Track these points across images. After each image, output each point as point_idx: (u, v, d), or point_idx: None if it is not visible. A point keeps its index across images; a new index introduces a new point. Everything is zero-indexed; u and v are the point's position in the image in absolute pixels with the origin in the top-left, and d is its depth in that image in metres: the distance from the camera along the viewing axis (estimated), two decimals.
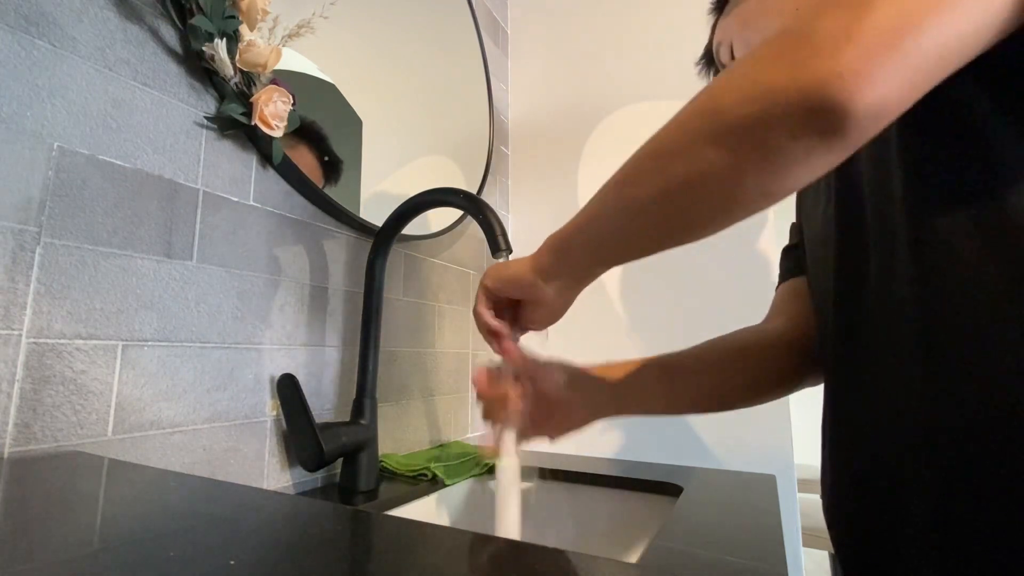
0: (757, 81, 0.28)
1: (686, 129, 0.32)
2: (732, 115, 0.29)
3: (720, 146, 0.30)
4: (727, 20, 0.61)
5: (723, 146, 0.30)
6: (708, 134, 0.31)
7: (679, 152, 0.32)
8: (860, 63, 0.25)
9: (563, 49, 1.28)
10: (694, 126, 0.32)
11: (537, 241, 0.47)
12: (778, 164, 0.29)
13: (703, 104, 0.32)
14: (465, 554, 0.27)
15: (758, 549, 0.46)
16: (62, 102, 0.47)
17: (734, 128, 0.29)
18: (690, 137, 0.32)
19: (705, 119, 0.31)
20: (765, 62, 0.28)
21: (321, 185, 0.71)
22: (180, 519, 0.30)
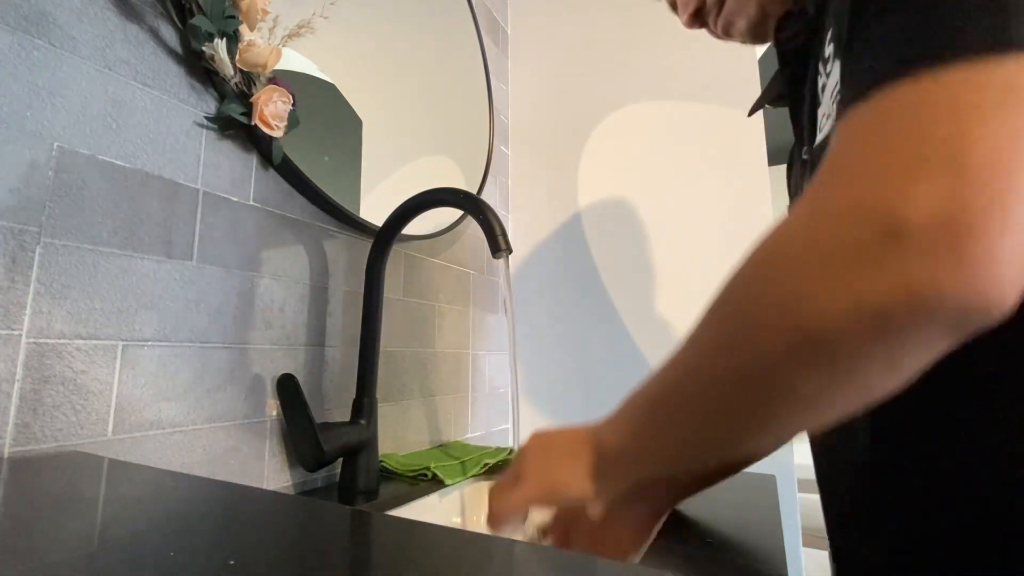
0: (861, 301, 0.23)
1: (767, 351, 0.26)
2: (838, 342, 0.24)
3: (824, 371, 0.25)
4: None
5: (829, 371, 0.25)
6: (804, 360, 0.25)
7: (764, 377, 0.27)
8: (990, 262, 0.21)
9: (563, 49, 1.28)
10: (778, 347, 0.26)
11: (537, 241, 0.47)
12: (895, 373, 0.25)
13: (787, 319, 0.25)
14: (465, 554, 0.27)
15: (758, 549, 0.46)
16: (62, 102, 0.47)
17: (844, 356, 0.24)
18: (777, 360, 0.26)
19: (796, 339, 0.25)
20: (857, 270, 0.23)
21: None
22: (180, 519, 0.30)
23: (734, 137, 1.05)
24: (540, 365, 1.17)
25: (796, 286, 0.25)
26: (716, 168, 1.07)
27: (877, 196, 0.23)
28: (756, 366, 0.27)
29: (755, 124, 1.04)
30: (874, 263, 0.22)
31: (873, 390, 0.25)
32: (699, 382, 0.31)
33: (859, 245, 0.23)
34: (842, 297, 0.23)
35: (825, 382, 0.25)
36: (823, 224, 0.25)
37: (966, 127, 0.22)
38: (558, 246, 1.20)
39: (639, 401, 0.36)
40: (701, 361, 0.31)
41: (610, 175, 1.18)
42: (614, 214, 1.17)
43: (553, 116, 1.27)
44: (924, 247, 0.21)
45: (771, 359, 0.26)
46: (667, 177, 1.12)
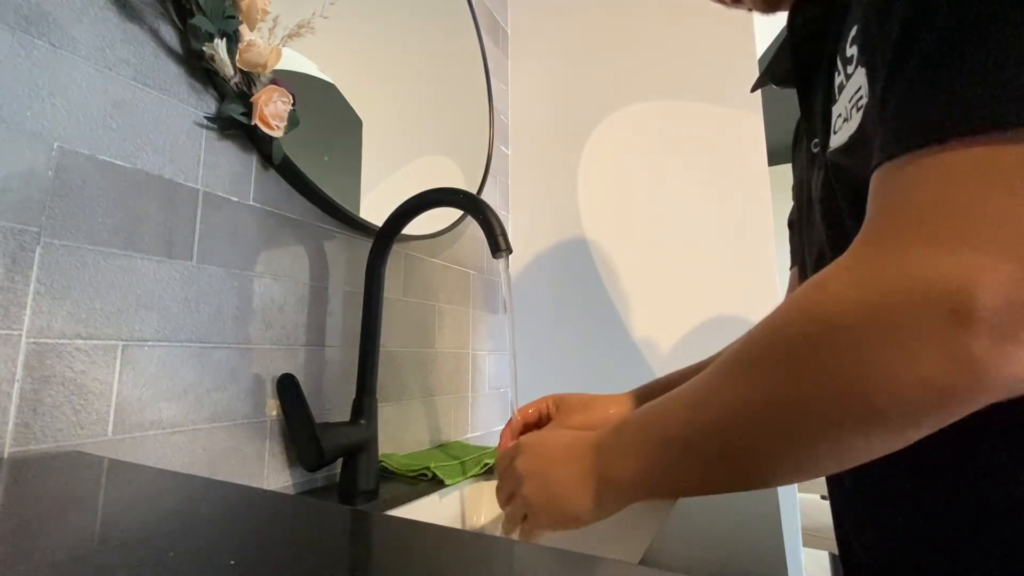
0: (928, 380, 0.24)
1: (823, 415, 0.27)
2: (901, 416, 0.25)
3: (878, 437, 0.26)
4: None
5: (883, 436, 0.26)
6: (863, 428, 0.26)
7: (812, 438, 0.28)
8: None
9: (563, 49, 1.28)
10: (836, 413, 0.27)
11: (537, 241, 0.47)
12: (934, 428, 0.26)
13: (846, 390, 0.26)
14: (465, 554, 0.26)
15: (758, 549, 0.46)
16: (62, 102, 0.47)
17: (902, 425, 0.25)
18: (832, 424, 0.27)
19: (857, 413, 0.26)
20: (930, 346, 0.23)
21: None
22: (180, 519, 0.30)
23: (734, 137, 1.05)
24: (540, 365, 1.17)
25: (860, 359, 0.25)
26: (716, 168, 1.07)
27: (944, 275, 0.23)
28: (806, 428, 0.28)
29: (755, 124, 1.04)
30: (942, 344, 0.23)
31: (913, 440, 0.26)
32: (730, 431, 0.31)
33: (927, 324, 0.23)
34: (910, 375, 0.24)
35: (876, 445, 0.26)
36: (886, 297, 0.25)
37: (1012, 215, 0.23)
38: (558, 246, 1.20)
39: (654, 435, 0.36)
40: (736, 410, 0.31)
41: (610, 175, 1.18)
42: (614, 214, 1.17)
43: (553, 116, 1.27)
44: (991, 331, 0.22)
45: (825, 423, 0.27)
46: (667, 177, 1.12)
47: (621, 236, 1.15)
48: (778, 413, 0.29)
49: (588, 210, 1.19)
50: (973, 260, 0.23)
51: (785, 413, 0.28)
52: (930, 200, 0.25)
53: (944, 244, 0.24)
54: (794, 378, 0.28)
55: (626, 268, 1.13)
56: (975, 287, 0.22)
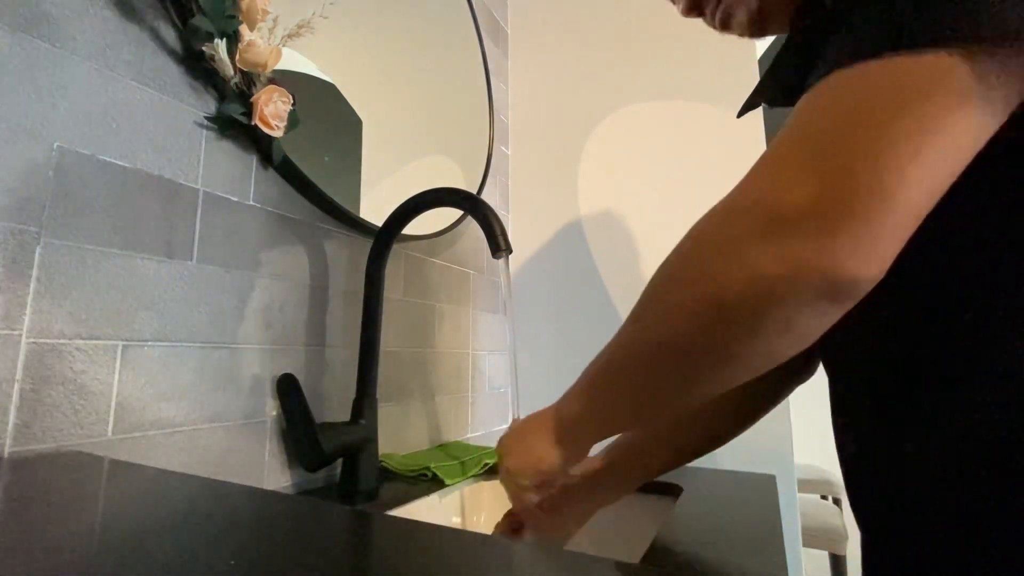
0: (755, 273, 0.29)
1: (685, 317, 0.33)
2: (738, 307, 0.30)
3: (730, 330, 0.31)
4: None
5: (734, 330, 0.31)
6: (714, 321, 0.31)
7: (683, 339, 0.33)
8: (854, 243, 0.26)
9: (563, 49, 1.28)
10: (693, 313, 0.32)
11: (537, 241, 0.48)
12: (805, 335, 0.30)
13: (700, 288, 0.32)
14: (465, 554, 0.27)
15: (758, 549, 0.46)
16: (62, 102, 0.47)
17: (744, 317, 0.30)
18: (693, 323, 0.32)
19: (708, 306, 0.31)
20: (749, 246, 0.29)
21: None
22: (180, 519, 0.30)
23: (734, 137, 1.05)
24: (540, 365, 1.17)
25: (706, 264, 0.32)
26: (716, 168, 1.07)
27: (767, 190, 0.30)
28: (676, 330, 0.33)
29: (755, 124, 1.04)
30: (762, 243, 0.29)
31: (775, 352, 0.31)
32: (631, 351, 0.37)
33: (753, 229, 0.29)
34: (739, 270, 0.29)
35: (732, 341, 0.31)
36: (731, 213, 0.32)
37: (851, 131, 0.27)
38: (558, 246, 1.20)
39: (589, 372, 0.42)
40: (632, 333, 0.37)
41: (610, 175, 1.18)
42: (614, 214, 1.17)
43: (553, 116, 1.27)
44: (800, 231, 0.27)
45: (688, 323, 0.32)
46: (667, 177, 1.12)
47: (621, 236, 1.15)
48: (657, 325, 0.35)
49: (588, 210, 1.19)
50: (792, 181, 0.28)
51: (661, 324, 0.34)
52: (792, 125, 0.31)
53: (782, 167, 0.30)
54: (664, 290, 0.35)
55: (626, 268, 1.13)
56: (788, 198, 0.28)
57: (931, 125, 0.26)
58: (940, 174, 0.27)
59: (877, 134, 0.26)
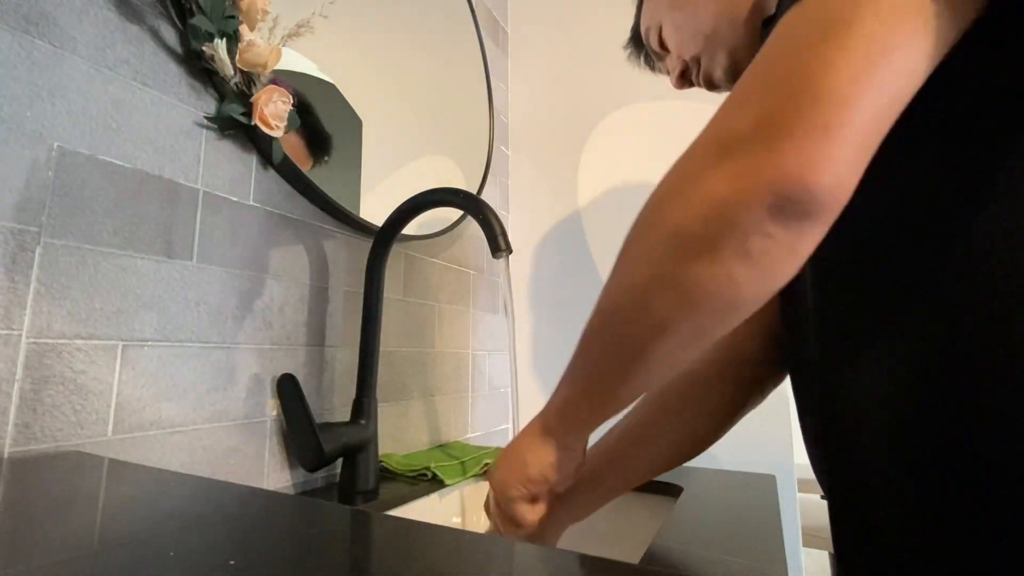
0: (709, 193, 0.29)
1: (651, 253, 0.32)
2: (694, 233, 0.30)
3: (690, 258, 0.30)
4: (653, 2, 0.61)
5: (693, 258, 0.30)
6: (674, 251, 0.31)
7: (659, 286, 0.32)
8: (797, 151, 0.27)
9: (563, 49, 1.28)
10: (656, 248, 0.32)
11: (537, 241, 0.48)
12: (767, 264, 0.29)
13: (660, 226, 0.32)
14: (465, 554, 0.26)
15: (758, 549, 0.46)
16: (62, 102, 0.47)
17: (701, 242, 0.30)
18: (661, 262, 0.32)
19: (668, 239, 0.31)
20: (705, 170, 0.30)
21: (308, 166, 0.69)
22: (180, 519, 0.30)
23: None
24: (540, 365, 1.17)
25: (665, 202, 0.32)
26: None
27: (718, 125, 0.31)
28: (641, 272, 0.33)
29: None
30: (714, 168, 0.29)
31: (738, 281, 0.30)
32: (602, 311, 0.37)
33: (706, 160, 0.30)
34: (693, 197, 0.30)
35: (694, 270, 0.30)
36: (687, 155, 0.32)
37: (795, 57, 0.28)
38: (558, 246, 1.20)
39: (569, 364, 0.42)
40: (602, 295, 0.37)
41: (610, 175, 1.18)
42: (614, 214, 1.17)
43: (553, 116, 1.26)
44: (747, 146, 0.28)
45: (651, 262, 0.32)
46: None
47: (621, 236, 1.14)
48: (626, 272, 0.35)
49: (588, 210, 1.19)
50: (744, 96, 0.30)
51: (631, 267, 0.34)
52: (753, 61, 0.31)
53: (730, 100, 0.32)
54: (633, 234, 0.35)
55: None
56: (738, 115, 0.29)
57: (871, 41, 0.27)
58: (886, 86, 0.27)
59: (814, 54, 0.27)
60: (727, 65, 0.57)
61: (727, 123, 0.30)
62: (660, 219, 0.32)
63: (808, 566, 1.41)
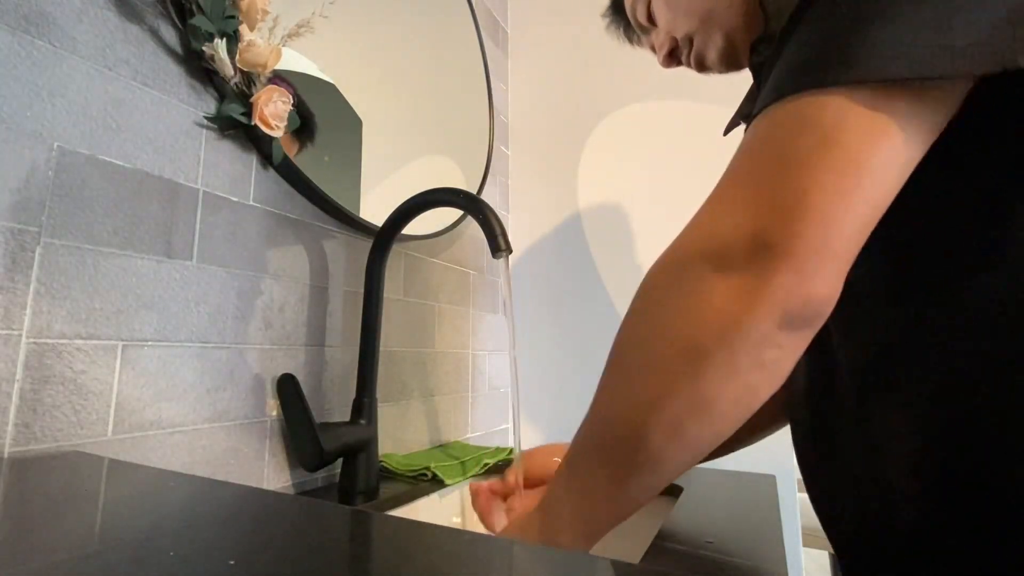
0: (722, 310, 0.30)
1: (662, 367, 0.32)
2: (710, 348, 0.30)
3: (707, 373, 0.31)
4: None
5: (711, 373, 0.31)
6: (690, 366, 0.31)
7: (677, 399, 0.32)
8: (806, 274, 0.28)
9: (563, 49, 1.28)
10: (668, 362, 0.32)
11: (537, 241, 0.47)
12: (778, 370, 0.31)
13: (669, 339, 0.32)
14: (465, 554, 0.26)
15: (758, 549, 0.46)
16: (62, 102, 0.47)
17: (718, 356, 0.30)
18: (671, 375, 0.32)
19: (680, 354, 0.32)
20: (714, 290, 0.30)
21: (294, 152, 0.68)
22: (180, 519, 0.30)
23: (733, 137, 1.05)
24: (540, 365, 1.17)
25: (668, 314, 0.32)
26: (716, 168, 1.07)
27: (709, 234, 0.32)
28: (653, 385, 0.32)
29: None
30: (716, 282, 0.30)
31: (756, 388, 0.31)
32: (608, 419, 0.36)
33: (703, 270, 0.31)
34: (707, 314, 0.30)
35: (723, 387, 0.31)
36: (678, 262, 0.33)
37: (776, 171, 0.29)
38: (558, 246, 1.20)
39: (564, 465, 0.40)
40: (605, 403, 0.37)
41: (610, 175, 1.18)
42: (614, 214, 1.17)
43: (553, 116, 1.26)
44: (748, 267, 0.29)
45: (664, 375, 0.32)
46: (667, 177, 1.11)
47: (621, 236, 1.15)
48: (635, 385, 0.34)
49: (588, 210, 1.19)
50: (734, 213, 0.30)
51: (639, 380, 0.33)
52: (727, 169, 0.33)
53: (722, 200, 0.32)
54: (636, 344, 0.35)
55: (626, 268, 1.13)
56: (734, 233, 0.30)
57: (851, 158, 0.28)
58: (869, 200, 0.29)
59: (803, 170, 0.28)
60: (722, 47, 0.56)
61: (719, 231, 0.31)
62: (668, 332, 0.32)
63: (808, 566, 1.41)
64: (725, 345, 0.30)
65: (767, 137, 0.31)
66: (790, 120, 0.30)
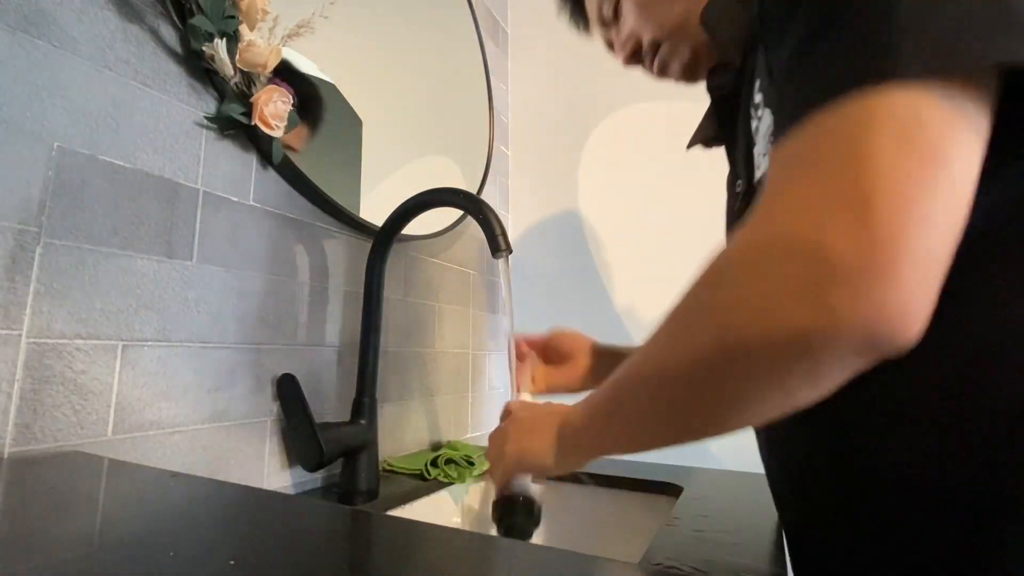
0: (786, 323, 0.26)
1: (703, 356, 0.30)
2: (763, 354, 0.27)
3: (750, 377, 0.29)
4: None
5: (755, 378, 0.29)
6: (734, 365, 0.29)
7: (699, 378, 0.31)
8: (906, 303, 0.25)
9: (563, 49, 1.28)
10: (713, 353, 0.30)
11: (536, 241, 0.48)
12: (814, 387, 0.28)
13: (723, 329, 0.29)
14: (465, 554, 0.26)
15: (758, 549, 0.47)
16: (62, 102, 0.47)
17: (769, 366, 0.28)
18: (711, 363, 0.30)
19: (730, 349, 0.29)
20: (785, 296, 0.26)
21: (304, 138, 0.68)
22: (180, 519, 0.30)
23: None
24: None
25: (733, 304, 0.29)
26: (715, 168, 1.07)
27: (804, 234, 0.26)
28: (693, 368, 0.31)
29: None
30: (799, 293, 0.26)
31: (796, 397, 0.29)
32: (643, 380, 0.36)
33: (788, 276, 0.26)
34: (770, 317, 0.27)
35: (751, 387, 0.29)
36: (759, 253, 0.28)
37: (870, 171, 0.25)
38: (558, 246, 1.20)
39: (602, 390, 0.41)
40: (647, 362, 0.36)
41: (610, 175, 1.18)
42: (614, 214, 1.17)
43: (553, 116, 1.26)
44: (842, 285, 0.25)
45: (706, 363, 0.30)
46: (667, 177, 1.12)
47: (621, 236, 1.15)
48: (675, 358, 0.32)
49: (588, 210, 1.19)
50: (828, 226, 0.26)
51: (678, 358, 0.32)
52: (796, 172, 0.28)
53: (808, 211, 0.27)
54: (684, 328, 0.33)
55: (627, 268, 1.13)
56: (830, 247, 0.25)
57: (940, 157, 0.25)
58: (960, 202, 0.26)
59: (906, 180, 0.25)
60: (687, 60, 0.57)
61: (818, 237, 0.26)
62: (725, 321, 0.29)
63: None
64: (786, 357, 0.27)
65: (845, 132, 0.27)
66: (865, 114, 0.26)
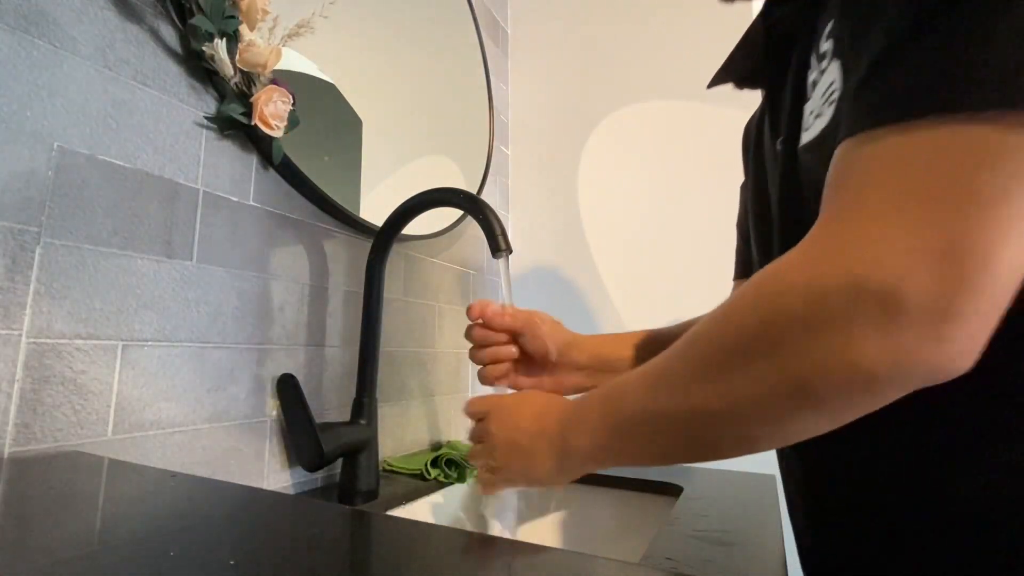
0: (858, 365, 0.25)
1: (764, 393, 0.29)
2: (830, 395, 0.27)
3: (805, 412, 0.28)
4: None
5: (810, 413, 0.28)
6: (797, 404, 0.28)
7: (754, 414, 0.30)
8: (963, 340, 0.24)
9: (563, 49, 1.28)
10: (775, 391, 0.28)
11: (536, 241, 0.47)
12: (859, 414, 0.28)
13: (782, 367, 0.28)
14: (465, 554, 0.26)
15: (758, 549, 0.47)
16: (62, 102, 0.47)
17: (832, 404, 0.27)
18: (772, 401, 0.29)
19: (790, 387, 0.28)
20: (856, 337, 0.25)
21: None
22: (180, 519, 0.30)
23: (734, 136, 1.05)
24: None
25: (793, 342, 0.27)
26: (715, 168, 1.07)
27: (878, 274, 0.25)
28: (749, 404, 0.30)
29: None
30: (871, 335, 0.25)
31: (841, 422, 0.29)
32: (682, 407, 0.33)
33: (858, 316, 0.25)
34: (839, 359, 0.26)
35: (810, 422, 0.29)
36: (824, 288, 0.26)
37: (963, 214, 0.23)
38: (558, 246, 1.20)
39: (611, 413, 0.38)
40: (688, 388, 0.33)
41: (610, 175, 1.18)
42: (614, 214, 1.17)
43: (553, 116, 1.26)
44: (915, 327, 0.24)
45: (766, 401, 0.29)
46: (667, 177, 1.12)
47: (621, 236, 1.15)
48: (725, 391, 0.30)
49: (588, 210, 1.19)
50: (906, 266, 0.24)
51: (730, 392, 0.30)
52: (881, 183, 0.26)
53: (885, 233, 0.25)
54: (740, 358, 0.30)
55: (626, 268, 1.13)
56: (903, 288, 0.24)
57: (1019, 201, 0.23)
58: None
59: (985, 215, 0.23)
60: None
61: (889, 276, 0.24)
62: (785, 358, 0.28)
63: None
64: (847, 395, 0.27)
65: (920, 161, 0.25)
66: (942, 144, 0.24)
